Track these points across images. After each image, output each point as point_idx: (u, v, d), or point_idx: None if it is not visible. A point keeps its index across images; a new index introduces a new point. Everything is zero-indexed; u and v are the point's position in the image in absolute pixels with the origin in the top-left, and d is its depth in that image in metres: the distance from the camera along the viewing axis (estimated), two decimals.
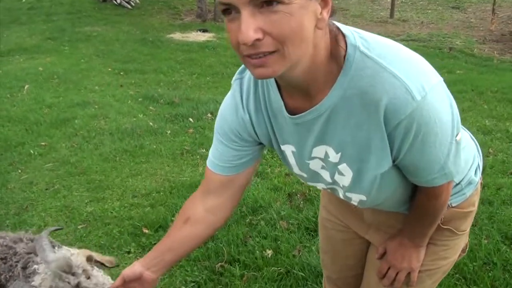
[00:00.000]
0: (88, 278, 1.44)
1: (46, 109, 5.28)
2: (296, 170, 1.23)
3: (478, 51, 8.55)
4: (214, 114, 5.03)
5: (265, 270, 2.55)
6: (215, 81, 6.46)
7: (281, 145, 1.18)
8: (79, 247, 2.75)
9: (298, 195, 3.30)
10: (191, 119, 4.89)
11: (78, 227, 3.02)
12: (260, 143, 1.23)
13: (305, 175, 1.23)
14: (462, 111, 5.06)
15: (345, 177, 1.12)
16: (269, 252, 2.70)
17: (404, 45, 1.01)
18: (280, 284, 2.47)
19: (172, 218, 3.00)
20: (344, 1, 13.20)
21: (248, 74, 1.14)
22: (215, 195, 1.27)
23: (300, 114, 1.05)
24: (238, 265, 2.61)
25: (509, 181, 3.45)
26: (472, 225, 1.40)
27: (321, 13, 0.89)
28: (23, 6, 12.04)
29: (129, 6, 11.98)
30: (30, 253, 1.65)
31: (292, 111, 1.07)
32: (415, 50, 1.04)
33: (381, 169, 1.06)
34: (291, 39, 0.85)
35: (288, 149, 1.18)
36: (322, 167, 1.16)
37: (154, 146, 4.23)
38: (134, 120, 4.89)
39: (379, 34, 1.04)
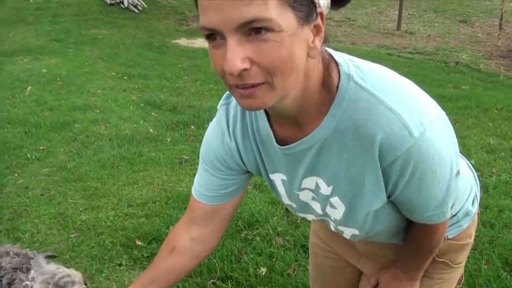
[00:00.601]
0: None
1: (47, 111, 5.26)
2: (285, 200, 1.17)
3: (484, 66, 8.49)
4: None
5: None
6: (219, 88, 6.42)
7: (269, 174, 1.12)
8: (71, 257, 2.72)
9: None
10: (192, 127, 4.85)
11: (71, 236, 2.97)
12: (248, 172, 1.17)
13: (294, 206, 1.17)
14: (466, 128, 5.02)
15: (337, 210, 1.06)
16: (263, 270, 2.64)
17: (410, 58, 0.96)
18: None
19: (167, 231, 2.95)
20: (351, 11, 13.18)
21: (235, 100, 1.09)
22: (200, 225, 1.22)
23: (290, 145, 0.99)
24: (230, 282, 2.55)
25: (511, 203, 3.39)
26: (473, 248, 1.35)
27: (313, 41, 0.83)
28: (30, 6, 12.07)
29: (136, 10, 11.99)
30: (17, 268, 1.60)
31: (281, 141, 1.01)
32: (421, 63, 0.98)
33: (374, 205, 1.00)
34: (281, 69, 0.79)
35: (278, 178, 1.11)
36: (313, 198, 1.09)
37: (153, 154, 4.18)
38: (135, 126, 4.85)
39: (385, 46, 0.98)
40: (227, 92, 1.10)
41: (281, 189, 1.14)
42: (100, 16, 11.35)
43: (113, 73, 6.94)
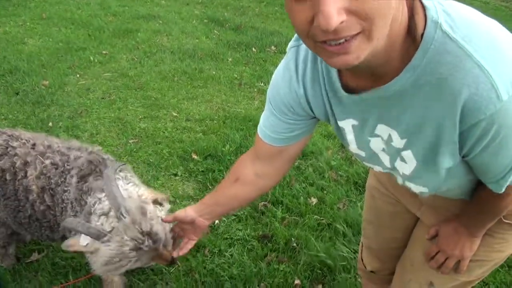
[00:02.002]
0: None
1: (110, 16, 5.26)
2: (353, 147, 1.10)
3: None
4: (277, 47, 4.89)
5: (307, 218, 2.51)
6: (283, 12, 6.23)
7: (338, 121, 1.05)
8: (128, 161, 2.79)
9: (347, 148, 3.19)
10: (254, 49, 4.76)
11: (130, 141, 3.03)
12: (314, 117, 1.11)
13: (363, 154, 1.11)
14: None
15: (407, 165, 1.00)
16: (314, 200, 2.64)
17: (485, 2, 0.83)
18: (319, 234, 2.42)
19: (223, 149, 2.96)
20: None
21: None
22: (264, 162, 1.22)
23: (362, 94, 0.91)
24: (281, 207, 2.57)
25: None
26: None
27: None
28: None
29: None
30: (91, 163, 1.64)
31: (353, 89, 0.93)
32: (497, 9, 0.87)
33: (446, 164, 0.93)
34: (378, 16, 0.69)
35: (348, 124, 1.04)
36: (383, 150, 1.03)
37: (214, 72, 4.15)
38: (197, 42, 4.81)
39: None
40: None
41: (349, 136, 1.07)
42: None
43: None
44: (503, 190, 0.97)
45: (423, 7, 0.81)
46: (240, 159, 1.32)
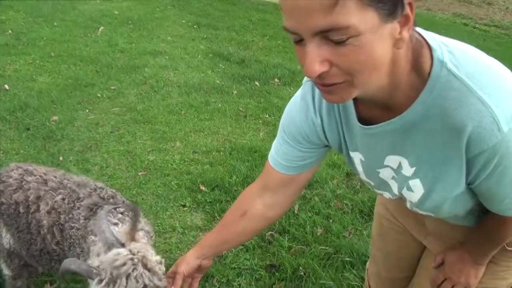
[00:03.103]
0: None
1: (118, 53, 5.39)
2: (362, 176, 1.17)
3: None
4: (281, 79, 4.99)
5: (313, 247, 2.54)
6: (286, 45, 6.37)
7: (350, 152, 1.12)
8: (137, 193, 2.84)
9: (357, 176, 3.24)
10: (257, 83, 4.87)
11: (139, 173, 3.10)
12: (326, 146, 1.17)
13: (372, 183, 1.17)
14: None
15: (414, 193, 1.05)
16: (320, 230, 2.68)
17: (485, 30, 0.91)
18: (326, 263, 2.46)
19: (230, 180, 3.02)
20: None
21: None
22: (273, 192, 1.25)
23: (376, 125, 0.98)
24: (287, 236, 2.61)
25: None
26: None
27: (400, 32, 0.79)
28: None
29: None
30: (91, 209, 1.67)
31: (366, 120, 1.00)
32: (497, 37, 0.94)
33: (453, 192, 0.99)
34: (360, 71, 0.78)
35: (357, 157, 1.11)
36: (393, 178, 1.08)
37: (219, 105, 4.24)
38: (202, 76, 4.92)
39: (461, 15, 0.93)
40: None
41: (359, 167, 1.14)
42: None
43: (183, 21, 7.00)
44: (508, 214, 1.02)
45: (429, 48, 0.89)
46: (244, 192, 1.33)
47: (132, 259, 1.32)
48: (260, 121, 4.02)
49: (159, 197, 2.86)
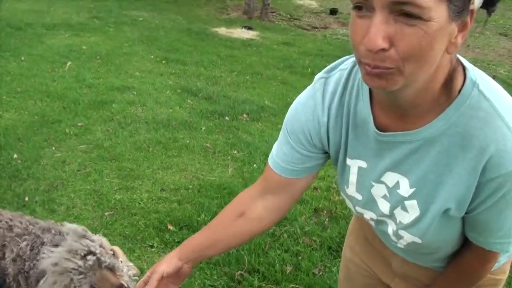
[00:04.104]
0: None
1: (85, 88, 5.36)
2: (351, 190, 1.15)
3: None
4: (249, 115, 5.04)
5: (284, 285, 2.54)
6: (254, 81, 6.46)
7: (348, 159, 1.10)
8: (104, 234, 2.80)
9: (325, 212, 3.28)
10: (226, 118, 4.90)
11: (105, 213, 3.06)
12: (326, 153, 1.16)
13: (359, 198, 1.14)
14: None
15: (408, 214, 1.04)
16: (289, 268, 2.68)
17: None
18: None
19: (198, 218, 3.01)
20: None
21: (337, 75, 1.07)
22: (273, 194, 1.21)
23: (390, 133, 0.98)
24: (257, 275, 2.60)
25: None
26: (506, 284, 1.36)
27: (456, 37, 0.82)
28: None
29: None
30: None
31: (378, 127, 1.00)
32: None
33: (445, 209, 0.99)
34: (416, 57, 0.78)
35: (355, 165, 1.09)
36: (384, 197, 1.07)
37: (188, 141, 4.25)
38: (171, 112, 4.93)
39: None
40: (329, 66, 1.09)
41: (352, 177, 1.12)
42: None
43: (152, 56, 7.03)
44: (495, 250, 1.03)
45: (463, 68, 0.93)
46: (242, 194, 1.28)
47: None
48: (229, 157, 4.04)
49: (126, 238, 2.82)
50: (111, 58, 6.65)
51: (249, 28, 9.80)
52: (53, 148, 3.91)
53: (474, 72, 0.92)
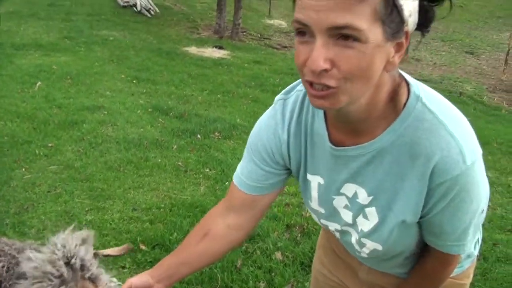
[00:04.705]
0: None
1: (55, 109, 5.32)
2: (314, 204, 1.22)
3: (487, 99, 8.63)
4: (221, 133, 5.07)
5: None
6: (225, 99, 6.51)
7: (308, 174, 1.18)
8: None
9: (297, 227, 3.32)
10: (198, 136, 4.93)
11: None
12: (288, 169, 1.22)
13: (322, 211, 1.21)
14: None
15: (369, 222, 1.11)
16: (262, 284, 2.71)
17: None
18: None
19: (170, 237, 3.01)
20: None
21: (294, 96, 1.15)
22: (237, 213, 1.26)
23: (344, 147, 1.05)
24: None
25: (506, 238, 3.46)
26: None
27: (393, 56, 0.89)
28: (43, 2, 12.16)
29: (149, 15, 12.10)
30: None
31: (334, 143, 1.07)
32: None
33: (404, 217, 1.05)
34: (356, 76, 0.85)
35: (315, 180, 1.17)
36: (345, 207, 1.14)
37: (159, 160, 4.25)
38: (142, 131, 4.93)
39: None
40: (287, 88, 1.18)
41: (314, 192, 1.19)
42: (112, 17, 11.45)
43: (122, 76, 7.02)
44: (453, 252, 1.10)
45: (407, 83, 1.00)
46: (208, 213, 1.33)
47: None
48: (201, 176, 4.06)
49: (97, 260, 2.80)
50: (82, 78, 6.61)
51: (220, 48, 9.88)
52: (23, 169, 3.87)
53: (418, 87, 1.01)
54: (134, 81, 6.84)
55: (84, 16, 11.21)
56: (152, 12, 12.27)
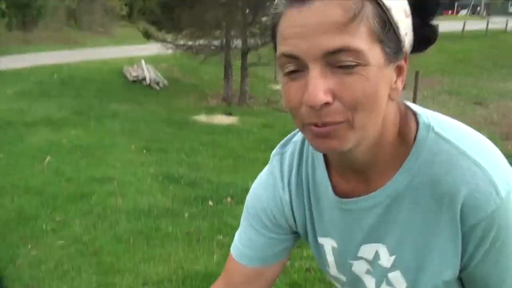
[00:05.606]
0: None
1: (64, 182, 5.25)
2: (333, 271, 1.02)
3: (501, 147, 8.46)
4: (234, 198, 4.93)
5: None
6: (237, 165, 6.42)
7: (318, 237, 0.99)
8: None
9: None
10: (210, 202, 4.78)
11: None
12: (295, 232, 1.04)
13: (343, 279, 1.01)
14: None
15: None
16: None
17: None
18: None
19: None
20: None
21: (290, 149, 0.99)
22: None
23: (352, 199, 0.88)
24: None
25: None
26: None
27: (395, 82, 0.76)
28: (54, 81, 12.47)
29: (158, 87, 12.32)
30: None
31: (341, 195, 0.90)
32: None
33: (443, 277, 0.86)
34: (364, 106, 0.71)
35: (328, 244, 0.98)
36: (367, 272, 0.95)
37: (170, 229, 4.09)
38: (152, 200, 4.80)
39: None
40: (282, 142, 1.02)
41: (330, 257, 1.00)
42: (122, 92, 11.67)
43: (133, 147, 7.00)
44: None
45: (414, 113, 0.84)
46: None
47: None
48: (214, 243, 3.87)
49: None
50: (92, 151, 6.60)
51: (229, 114, 9.94)
52: (29, 246, 3.74)
53: (427, 115, 0.84)
54: (144, 151, 6.80)
55: (94, 92, 11.45)
56: (161, 85, 12.50)
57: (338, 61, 0.69)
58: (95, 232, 3.99)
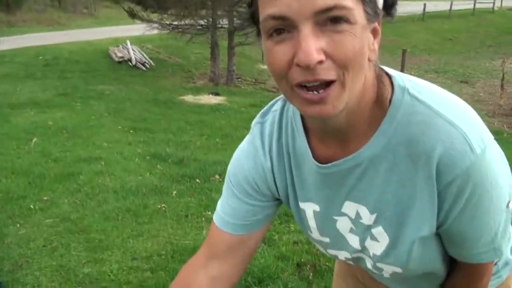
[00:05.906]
0: None
1: (51, 163, 5.22)
2: (315, 235, 1.05)
3: (487, 124, 8.52)
4: (221, 176, 4.94)
5: None
6: (224, 143, 6.42)
7: (300, 202, 1.01)
8: None
9: (308, 266, 3.13)
10: (198, 180, 4.79)
11: None
12: (277, 200, 1.06)
13: (327, 240, 1.04)
14: None
15: (379, 243, 0.94)
16: None
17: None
18: None
19: None
20: None
21: (270, 118, 1.01)
22: (221, 259, 1.06)
23: (333, 163, 0.89)
24: None
25: None
26: None
27: (373, 43, 0.77)
28: (39, 63, 12.32)
29: (144, 68, 12.23)
30: None
31: (321, 160, 0.92)
32: None
33: (420, 232, 0.89)
34: (353, 63, 0.73)
35: (309, 208, 1.00)
36: (351, 230, 0.98)
37: (158, 206, 4.10)
38: (140, 179, 4.80)
39: None
40: (261, 111, 1.03)
41: (311, 222, 1.03)
42: (107, 72, 11.57)
43: (119, 127, 6.97)
44: (484, 260, 0.94)
45: (389, 76, 0.86)
46: (186, 265, 1.12)
47: None
48: (203, 219, 3.89)
49: None
50: (78, 132, 6.56)
51: (216, 94, 9.92)
52: (18, 225, 3.72)
53: (402, 78, 0.86)
54: (131, 131, 6.77)
55: (79, 73, 11.35)
56: (147, 65, 12.40)
57: (328, 18, 0.70)
58: (84, 211, 3.98)
